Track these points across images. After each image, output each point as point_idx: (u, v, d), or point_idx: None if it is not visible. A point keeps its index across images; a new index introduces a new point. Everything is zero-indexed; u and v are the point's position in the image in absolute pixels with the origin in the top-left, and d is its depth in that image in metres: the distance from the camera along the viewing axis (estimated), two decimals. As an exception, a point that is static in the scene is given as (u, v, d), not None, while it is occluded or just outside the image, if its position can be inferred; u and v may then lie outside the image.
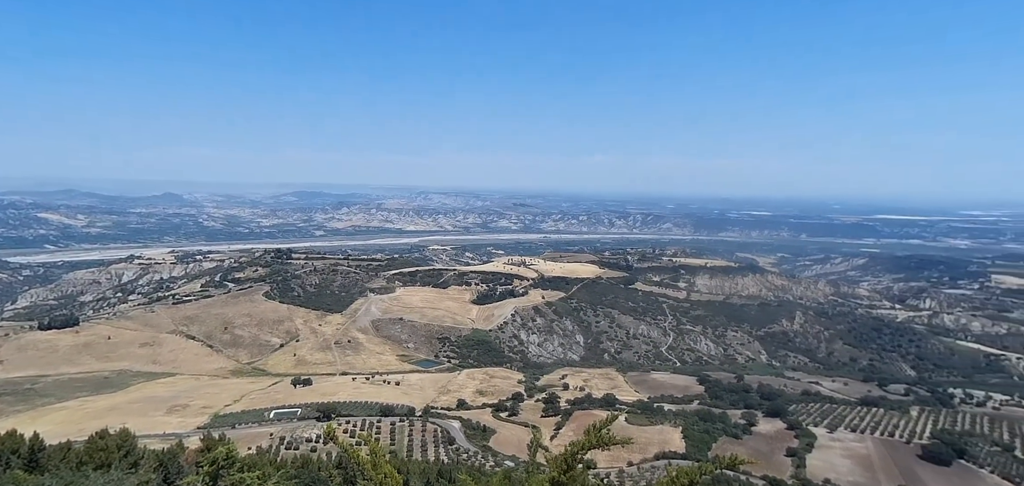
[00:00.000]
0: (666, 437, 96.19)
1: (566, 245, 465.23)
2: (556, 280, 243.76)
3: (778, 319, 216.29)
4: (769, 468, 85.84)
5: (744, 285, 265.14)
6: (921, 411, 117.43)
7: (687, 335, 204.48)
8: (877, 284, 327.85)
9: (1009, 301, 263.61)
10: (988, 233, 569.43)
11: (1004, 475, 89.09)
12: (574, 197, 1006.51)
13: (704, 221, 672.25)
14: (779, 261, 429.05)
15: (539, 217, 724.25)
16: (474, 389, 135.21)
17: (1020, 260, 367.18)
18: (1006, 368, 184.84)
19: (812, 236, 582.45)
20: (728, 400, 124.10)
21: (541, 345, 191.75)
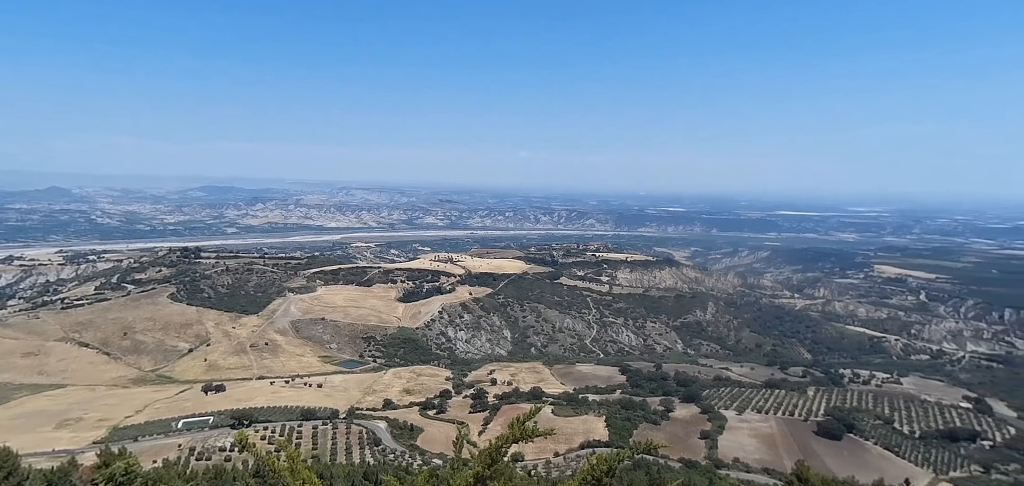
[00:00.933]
0: (590, 427, 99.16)
1: (493, 241, 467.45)
2: (483, 276, 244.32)
3: (692, 310, 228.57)
4: (685, 451, 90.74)
5: (662, 278, 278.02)
6: (817, 391, 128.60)
7: (610, 327, 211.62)
8: (779, 275, 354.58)
9: (889, 289, 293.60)
10: (871, 227, 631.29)
11: (886, 446, 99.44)
12: (501, 193, 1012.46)
13: (625, 217, 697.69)
14: (693, 255, 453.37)
15: (466, 213, 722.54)
16: (401, 388, 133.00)
17: (897, 251, 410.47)
18: (886, 349, 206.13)
19: (722, 231, 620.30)
20: (648, 388, 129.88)
21: (469, 341, 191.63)
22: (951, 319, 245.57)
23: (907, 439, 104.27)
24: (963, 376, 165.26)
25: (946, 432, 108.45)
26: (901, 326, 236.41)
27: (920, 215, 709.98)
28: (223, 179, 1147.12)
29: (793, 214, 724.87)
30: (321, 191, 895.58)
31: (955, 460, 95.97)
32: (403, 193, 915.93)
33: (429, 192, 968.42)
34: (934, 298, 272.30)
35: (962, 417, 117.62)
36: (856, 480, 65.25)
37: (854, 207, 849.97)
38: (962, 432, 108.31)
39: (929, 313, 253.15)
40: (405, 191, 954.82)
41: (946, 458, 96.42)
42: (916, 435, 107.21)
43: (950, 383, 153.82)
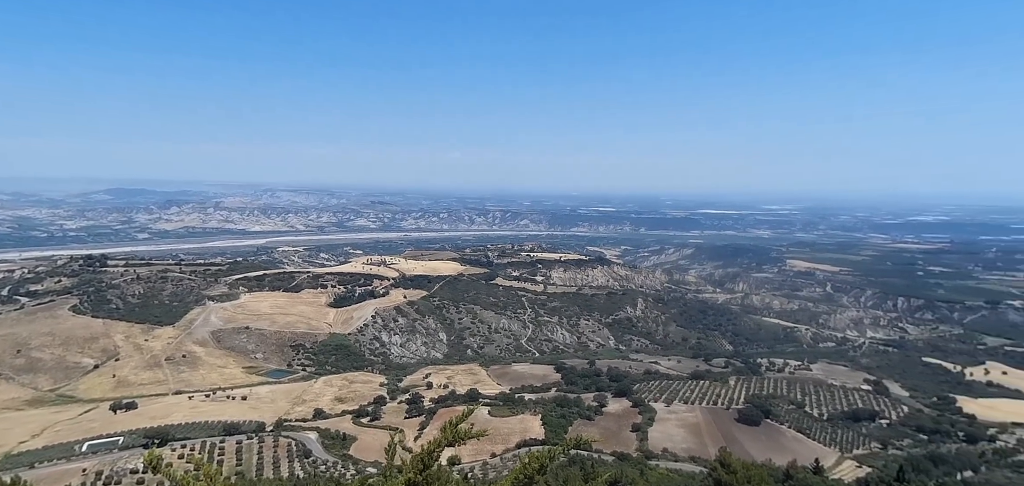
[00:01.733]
0: (527, 425, 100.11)
1: (427, 243, 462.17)
2: (418, 279, 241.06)
3: (623, 306, 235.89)
4: (618, 444, 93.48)
5: (594, 276, 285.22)
6: (737, 380, 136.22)
7: (545, 326, 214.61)
8: (702, 271, 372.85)
9: (799, 281, 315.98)
10: (783, 224, 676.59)
11: (799, 429, 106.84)
12: (434, 195, 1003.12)
13: (558, 217, 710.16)
14: (623, 253, 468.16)
15: (399, 215, 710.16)
16: (332, 397, 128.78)
17: (806, 247, 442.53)
18: (798, 338, 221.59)
19: (649, 229, 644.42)
20: (582, 385, 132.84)
21: (404, 345, 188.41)
22: (853, 308, 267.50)
23: (817, 421, 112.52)
24: (864, 360, 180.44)
25: (850, 413, 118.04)
26: (810, 316, 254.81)
27: (825, 212, 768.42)
28: (133, 181, 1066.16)
29: (714, 213, 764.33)
30: (244, 193, 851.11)
31: (858, 439, 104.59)
32: (333, 195, 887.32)
33: (360, 193, 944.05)
34: (838, 289, 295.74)
35: (863, 398, 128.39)
36: (772, 462, 69.58)
37: (768, 205, 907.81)
38: (863, 412, 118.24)
39: (834, 303, 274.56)
40: (335, 192, 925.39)
41: (850, 437, 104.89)
42: (824, 417, 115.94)
43: (853, 368, 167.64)
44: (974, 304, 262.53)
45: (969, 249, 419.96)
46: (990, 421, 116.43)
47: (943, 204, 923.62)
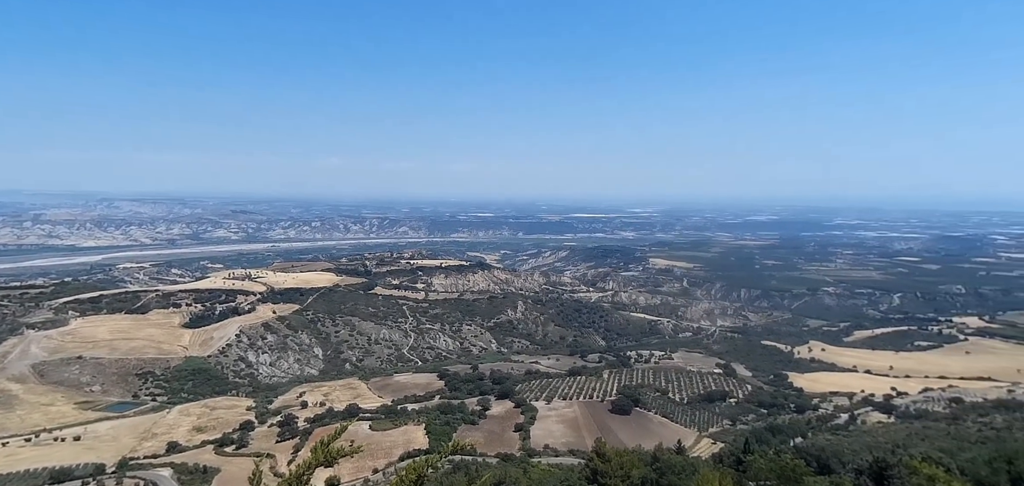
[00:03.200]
0: (410, 437, 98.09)
1: (299, 254, 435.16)
2: (289, 292, 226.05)
3: (504, 310, 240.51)
4: (501, 445, 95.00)
5: (475, 281, 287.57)
6: (610, 373, 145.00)
7: (427, 334, 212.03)
8: (577, 272, 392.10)
9: (661, 278, 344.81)
10: (646, 226, 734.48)
11: (664, 414, 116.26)
12: (306, 202, 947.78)
13: (437, 223, 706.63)
14: (502, 257, 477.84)
15: (265, 225, 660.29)
16: (190, 427, 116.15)
17: (665, 246, 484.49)
18: (661, 330, 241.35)
19: (527, 233, 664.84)
20: (466, 390, 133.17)
21: (274, 364, 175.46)
22: (706, 300, 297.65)
23: (679, 406, 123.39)
24: (715, 347, 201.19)
25: (705, 395, 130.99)
26: (671, 309, 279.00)
27: (680, 214, 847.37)
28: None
29: (585, 216, 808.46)
30: (73, 204, 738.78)
31: (713, 418, 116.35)
32: (185, 204, 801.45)
33: (219, 202, 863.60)
34: (693, 284, 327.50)
35: (716, 381, 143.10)
36: (642, 447, 74.92)
37: (632, 209, 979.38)
38: (716, 394, 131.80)
39: (690, 297, 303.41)
40: (189, 201, 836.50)
41: (706, 417, 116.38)
42: (685, 401, 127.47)
43: (707, 354, 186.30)
44: (799, 291, 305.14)
45: (794, 244, 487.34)
46: (814, 392, 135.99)
47: (773, 205, 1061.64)
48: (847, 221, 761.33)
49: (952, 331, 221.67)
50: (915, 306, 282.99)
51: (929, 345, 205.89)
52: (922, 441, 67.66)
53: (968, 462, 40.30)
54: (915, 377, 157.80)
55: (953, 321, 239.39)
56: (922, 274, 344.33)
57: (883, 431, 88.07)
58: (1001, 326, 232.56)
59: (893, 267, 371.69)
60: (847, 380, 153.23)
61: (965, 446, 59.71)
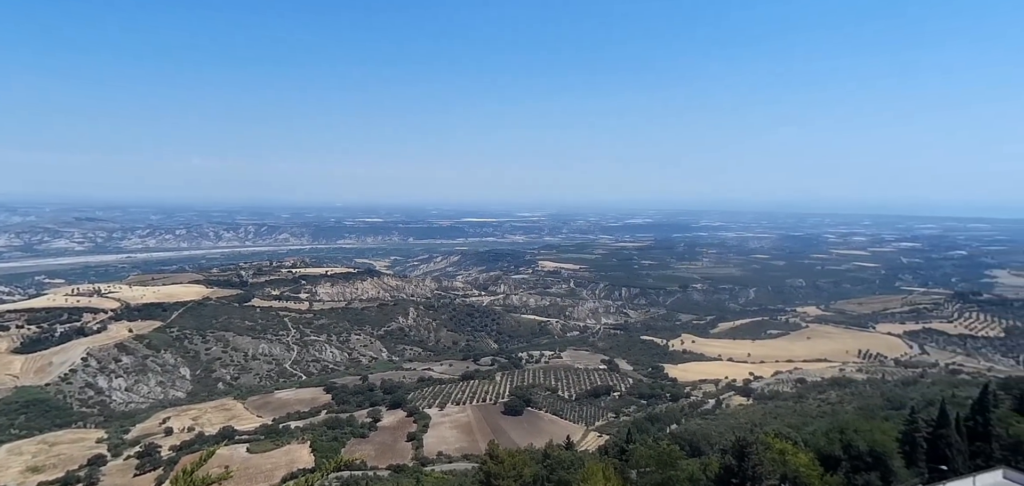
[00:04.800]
0: (294, 456, 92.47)
1: (161, 265, 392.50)
2: (150, 307, 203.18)
3: (395, 317, 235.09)
4: (394, 456, 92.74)
5: (364, 289, 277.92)
6: (503, 375, 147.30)
7: (312, 346, 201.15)
8: (468, 276, 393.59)
9: (549, 280, 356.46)
10: (534, 230, 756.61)
11: (554, 411, 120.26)
12: (168, 208, 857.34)
13: (322, 229, 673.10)
14: (392, 263, 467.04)
15: (118, 233, 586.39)
16: (23, 467, 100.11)
17: (553, 249, 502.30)
18: (550, 330, 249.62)
19: (418, 239, 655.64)
20: (355, 402, 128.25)
21: (131, 389, 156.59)
22: (591, 300, 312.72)
23: (567, 402, 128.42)
24: (600, 344, 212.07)
25: (592, 391, 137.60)
26: (559, 310, 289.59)
27: (566, 218, 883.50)
28: None
29: (476, 220, 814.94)
30: None
31: (598, 412, 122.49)
32: (15, 210, 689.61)
33: (59, 208, 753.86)
34: (579, 284, 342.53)
35: (601, 377, 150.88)
36: (533, 446, 77.04)
37: (521, 213, 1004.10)
38: (601, 389, 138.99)
39: (577, 297, 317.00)
40: (18, 208, 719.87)
41: (593, 412, 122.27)
42: (573, 398, 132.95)
43: (593, 351, 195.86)
44: (672, 289, 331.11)
45: (667, 245, 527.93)
46: (686, 381, 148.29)
47: (648, 209, 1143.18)
48: (711, 223, 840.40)
49: (796, 320, 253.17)
50: (767, 298, 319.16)
51: (779, 332, 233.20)
52: (775, 419, 76.47)
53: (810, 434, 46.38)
54: (768, 362, 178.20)
55: (797, 310, 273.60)
56: (772, 270, 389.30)
57: (744, 412, 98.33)
58: (834, 313, 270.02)
59: (749, 264, 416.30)
60: (714, 368, 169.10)
61: (808, 420, 68.48)
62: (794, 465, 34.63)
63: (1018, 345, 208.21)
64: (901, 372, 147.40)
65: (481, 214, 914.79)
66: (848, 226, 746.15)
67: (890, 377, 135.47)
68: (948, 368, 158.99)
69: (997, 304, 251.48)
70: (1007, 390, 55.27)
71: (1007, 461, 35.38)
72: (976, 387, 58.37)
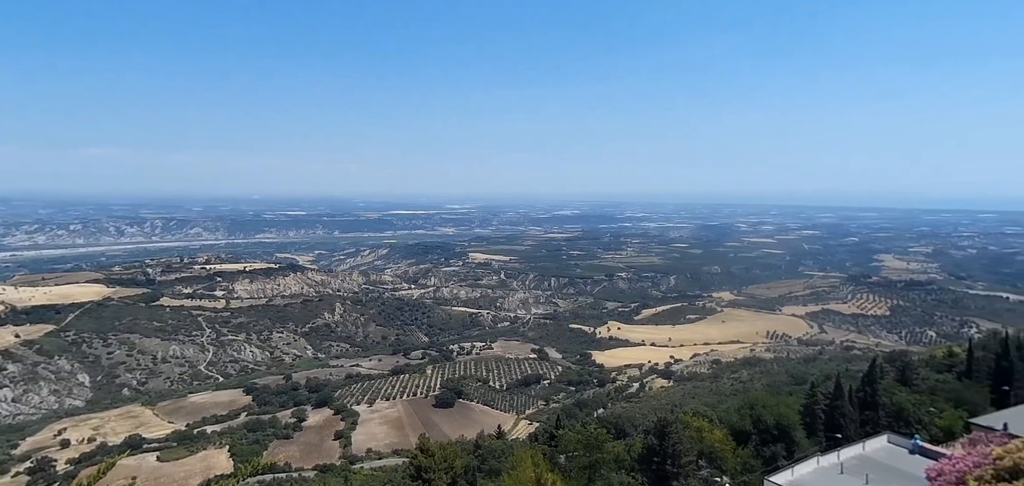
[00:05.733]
0: (211, 462, 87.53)
1: (53, 264, 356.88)
2: (41, 310, 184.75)
3: (321, 313, 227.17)
4: (321, 456, 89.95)
5: (286, 285, 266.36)
6: (434, 368, 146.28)
7: (230, 346, 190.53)
8: (397, 270, 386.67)
9: (480, 271, 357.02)
10: (464, 222, 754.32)
11: (485, 402, 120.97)
12: (60, 201, 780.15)
13: (239, 223, 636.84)
14: (317, 257, 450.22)
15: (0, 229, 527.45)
16: None
17: (484, 241, 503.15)
18: (481, 322, 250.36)
19: (344, 232, 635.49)
20: (278, 403, 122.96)
21: (19, 400, 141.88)
22: (521, 291, 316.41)
23: (499, 392, 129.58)
24: (531, 334, 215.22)
25: (522, 380, 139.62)
26: (490, 301, 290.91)
27: (496, 210, 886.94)
28: None
29: (405, 213, 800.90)
30: None
31: (529, 400, 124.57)
32: None
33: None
34: (510, 276, 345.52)
35: (531, 366, 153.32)
36: (465, 437, 77.19)
37: (451, 205, 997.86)
38: (532, 377, 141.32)
39: (507, 288, 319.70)
40: None
41: (523, 401, 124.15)
42: (504, 387, 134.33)
43: (523, 341, 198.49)
44: (599, 278, 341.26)
45: (593, 236, 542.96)
46: (612, 367, 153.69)
47: (575, 201, 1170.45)
48: (635, 214, 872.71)
49: (712, 304, 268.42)
50: (686, 285, 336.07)
51: (696, 317, 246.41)
52: (693, 399, 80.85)
53: (724, 412, 49.49)
54: (687, 345, 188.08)
55: (713, 296, 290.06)
56: (690, 258, 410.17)
57: (665, 394, 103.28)
58: (746, 298, 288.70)
59: (670, 253, 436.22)
60: (637, 353, 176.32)
61: (723, 399, 72.94)
62: (710, 441, 36.90)
63: (901, 322, 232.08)
64: (803, 350, 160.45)
65: (410, 207, 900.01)
66: (758, 216, 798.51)
67: (794, 355, 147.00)
68: (843, 345, 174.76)
69: (884, 286, 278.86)
70: (891, 363, 61.47)
71: (891, 427, 39.48)
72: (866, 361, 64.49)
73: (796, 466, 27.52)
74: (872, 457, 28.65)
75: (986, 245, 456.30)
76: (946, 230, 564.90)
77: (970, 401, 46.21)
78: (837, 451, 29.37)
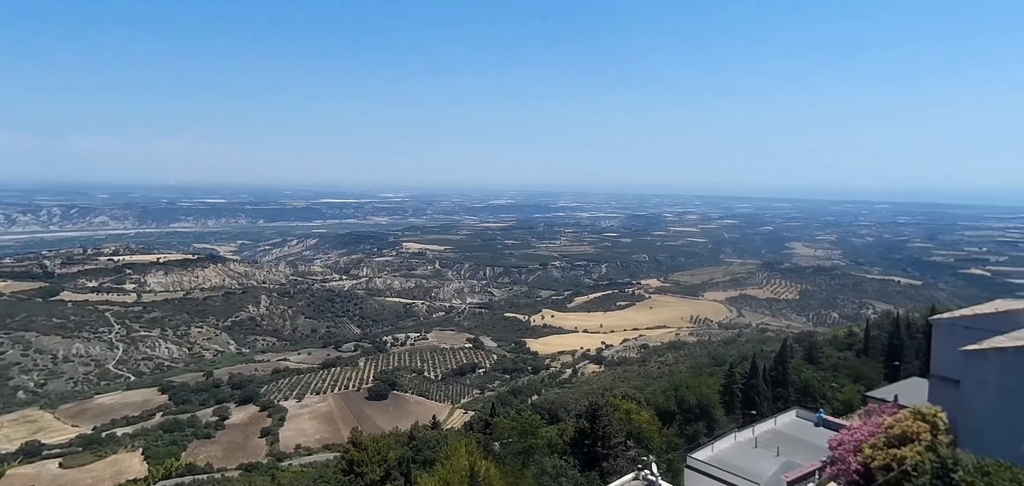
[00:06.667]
0: (122, 466, 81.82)
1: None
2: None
3: (244, 306, 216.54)
4: (246, 454, 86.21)
5: (206, 277, 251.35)
6: (367, 360, 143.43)
7: (142, 342, 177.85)
8: (328, 260, 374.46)
9: (414, 261, 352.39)
10: (398, 211, 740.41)
11: (420, 393, 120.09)
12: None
13: (151, 212, 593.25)
14: (240, 248, 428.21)
15: None
16: None
17: (418, 230, 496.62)
18: (416, 312, 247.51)
19: (269, 221, 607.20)
20: (198, 401, 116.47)
21: None
22: (456, 280, 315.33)
23: (434, 383, 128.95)
24: (466, 323, 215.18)
25: (458, 369, 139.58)
26: (425, 291, 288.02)
27: (430, 199, 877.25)
28: None
29: (335, 202, 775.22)
30: None
31: (464, 389, 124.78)
32: None
33: None
34: (444, 265, 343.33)
35: (466, 355, 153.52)
36: (399, 429, 76.33)
37: (383, 194, 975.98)
38: (467, 367, 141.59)
39: (442, 278, 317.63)
40: None
41: (458, 390, 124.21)
42: (439, 377, 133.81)
43: (458, 330, 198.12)
44: (533, 267, 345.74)
45: (528, 225, 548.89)
46: (546, 354, 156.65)
47: (510, 190, 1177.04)
48: (568, 204, 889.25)
49: (641, 291, 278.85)
50: (617, 273, 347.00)
51: (626, 304, 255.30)
52: (622, 382, 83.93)
53: (651, 394, 51.76)
54: (618, 331, 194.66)
55: (641, 283, 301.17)
56: (621, 247, 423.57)
57: (596, 379, 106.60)
58: (671, 284, 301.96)
59: (601, 242, 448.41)
60: (571, 340, 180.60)
61: (650, 381, 76.20)
62: (638, 422, 38.48)
63: (809, 305, 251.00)
64: (723, 333, 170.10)
65: (340, 195, 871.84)
66: (682, 206, 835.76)
67: (715, 338, 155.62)
68: (758, 328, 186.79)
69: (794, 272, 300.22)
70: (800, 343, 66.49)
71: (799, 402, 42.77)
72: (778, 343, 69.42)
73: (716, 442, 29.18)
74: (783, 431, 30.85)
75: (882, 233, 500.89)
76: (848, 220, 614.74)
77: (867, 376, 50.88)
78: (752, 427, 31.40)
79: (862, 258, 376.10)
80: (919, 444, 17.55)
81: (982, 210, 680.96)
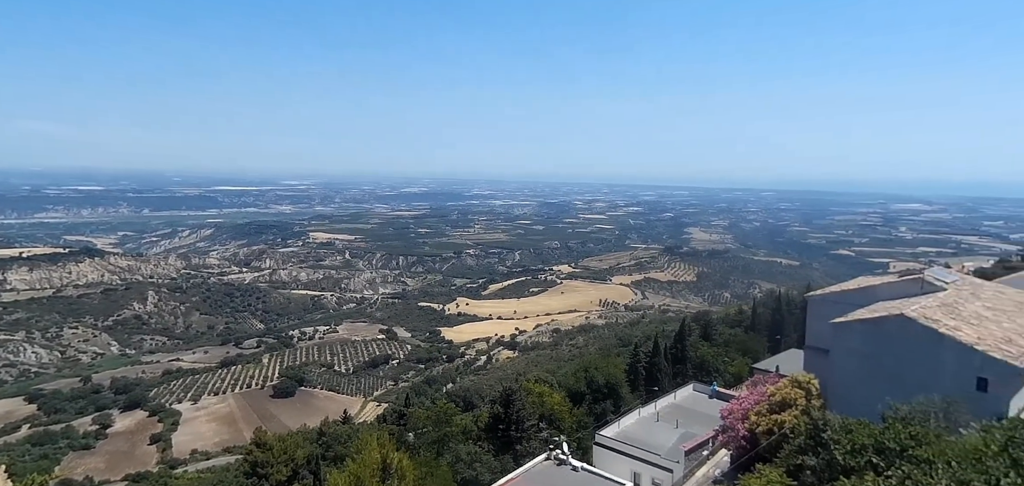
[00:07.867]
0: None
1: None
2: None
3: (128, 303, 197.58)
4: (132, 464, 79.28)
5: (81, 272, 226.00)
6: (271, 357, 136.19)
7: (3, 347, 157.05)
8: (225, 252, 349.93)
9: (322, 252, 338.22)
10: (303, 199, 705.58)
11: (330, 388, 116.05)
12: None
13: (9, 200, 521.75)
14: (122, 240, 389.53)
15: None
16: None
17: (326, 219, 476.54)
18: (325, 304, 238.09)
19: (156, 210, 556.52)
20: (73, 410, 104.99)
21: None
22: (368, 271, 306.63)
23: (344, 377, 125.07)
24: (378, 314, 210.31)
25: (370, 361, 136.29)
26: (334, 282, 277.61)
27: (339, 187, 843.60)
28: None
29: (232, 189, 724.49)
30: None
31: (377, 382, 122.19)
32: None
33: None
34: (355, 255, 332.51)
35: (379, 347, 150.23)
36: (307, 426, 73.41)
37: (287, 181, 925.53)
38: (380, 358, 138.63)
39: (353, 268, 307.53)
40: None
41: (371, 382, 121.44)
42: (351, 371, 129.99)
43: (371, 322, 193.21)
44: (447, 255, 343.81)
45: (441, 213, 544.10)
46: (461, 342, 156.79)
47: (422, 178, 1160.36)
48: (481, 192, 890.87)
49: (553, 277, 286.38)
50: (530, 260, 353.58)
51: (539, 290, 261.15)
52: (536, 367, 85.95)
53: (563, 376, 53.43)
54: (531, 317, 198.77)
55: (553, 269, 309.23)
56: (533, 234, 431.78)
57: (511, 364, 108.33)
58: (581, 270, 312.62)
59: (515, 229, 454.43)
60: (485, 327, 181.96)
61: (562, 364, 78.61)
62: (550, 404, 39.62)
63: (705, 286, 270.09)
64: (630, 315, 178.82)
65: (238, 182, 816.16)
66: (591, 194, 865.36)
67: (622, 320, 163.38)
68: (661, 309, 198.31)
69: (692, 255, 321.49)
70: (697, 322, 71.44)
71: (696, 376, 46.10)
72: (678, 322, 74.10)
73: (622, 419, 30.83)
74: (681, 404, 33.17)
75: (767, 219, 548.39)
76: (738, 206, 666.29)
77: (753, 350, 55.71)
78: (655, 402, 33.45)
79: (750, 242, 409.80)
80: (796, 409, 19.54)
81: (850, 197, 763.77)
